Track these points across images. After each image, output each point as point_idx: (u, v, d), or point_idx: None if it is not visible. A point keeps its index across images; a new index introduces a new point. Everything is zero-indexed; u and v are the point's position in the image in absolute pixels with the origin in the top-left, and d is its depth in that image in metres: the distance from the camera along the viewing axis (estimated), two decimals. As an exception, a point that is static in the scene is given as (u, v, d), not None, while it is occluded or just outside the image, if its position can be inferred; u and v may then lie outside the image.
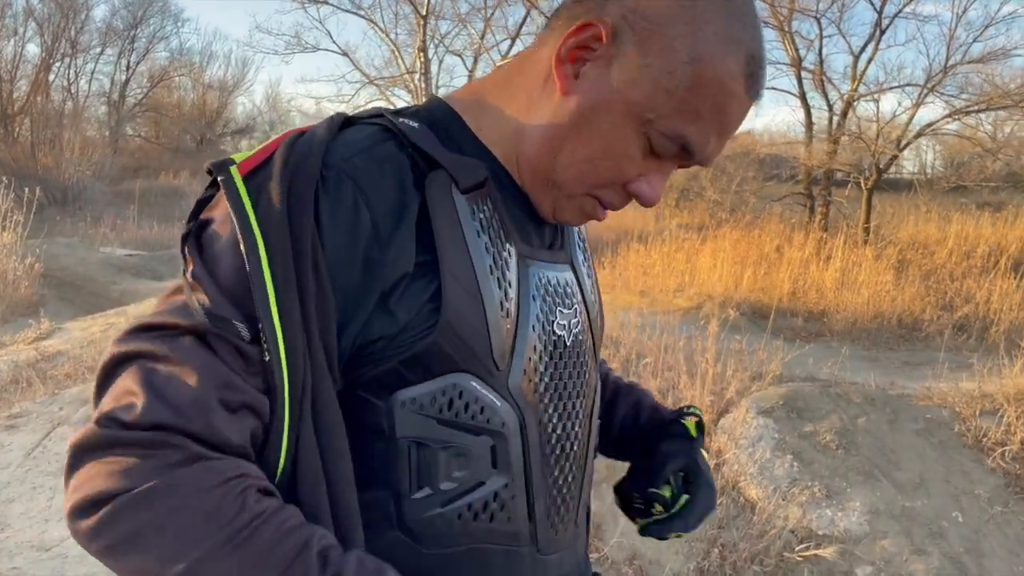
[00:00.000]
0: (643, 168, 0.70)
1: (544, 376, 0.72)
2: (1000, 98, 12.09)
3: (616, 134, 0.67)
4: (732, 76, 0.65)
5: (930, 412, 3.90)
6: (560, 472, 0.74)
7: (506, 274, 0.69)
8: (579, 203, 0.72)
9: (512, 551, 0.71)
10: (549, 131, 0.69)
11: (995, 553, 3.30)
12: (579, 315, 0.77)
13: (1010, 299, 7.97)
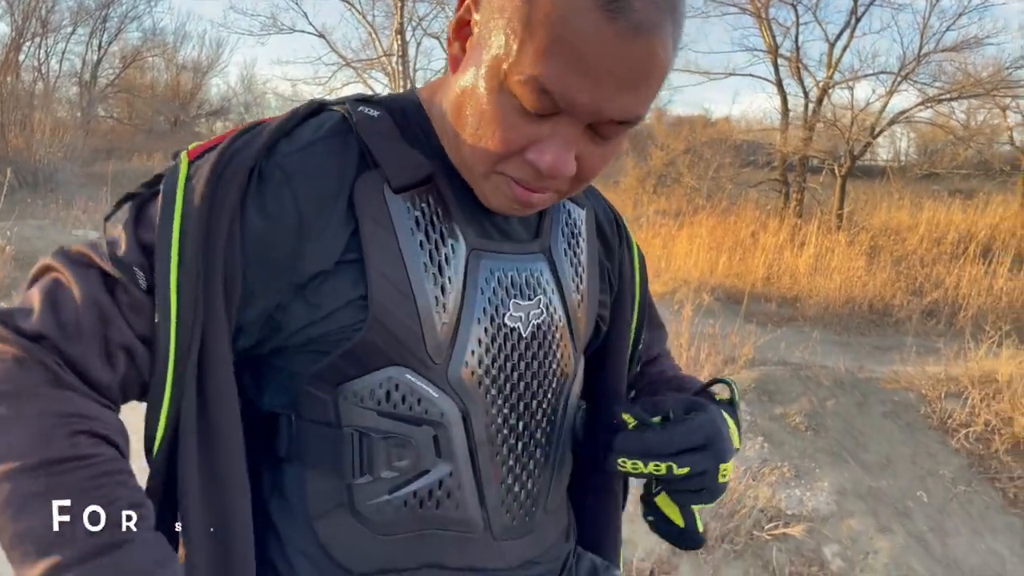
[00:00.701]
0: (533, 134, 0.64)
1: (492, 368, 0.72)
2: (972, 86, 12.26)
3: (487, 97, 0.63)
4: (587, 12, 0.57)
5: (897, 395, 3.99)
6: (517, 461, 0.75)
7: (444, 270, 0.69)
8: (494, 184, 0.68)
9: (465, 536, 0.73)
10: (451, 113, 0.68)
11: (959, 531, 3.40)
12: (544, 306, 0.76)
13: (978, 285, 8.13)
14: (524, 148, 0.64)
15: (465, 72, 0.65)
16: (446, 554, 0.72)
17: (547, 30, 0.58)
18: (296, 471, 0.72)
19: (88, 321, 0.62)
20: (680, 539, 0.81)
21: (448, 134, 0.70)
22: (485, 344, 0.71)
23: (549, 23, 0.58)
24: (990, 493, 3.53)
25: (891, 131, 16.80)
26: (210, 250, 0.63)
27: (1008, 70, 12.44)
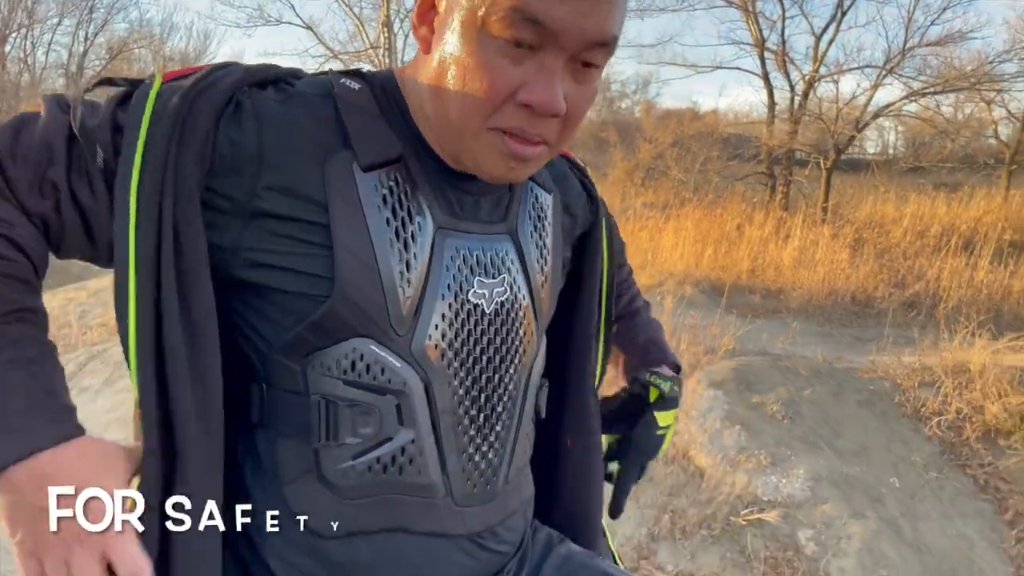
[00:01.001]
0: (521, 75, 0.68)
1: (455, 342, 0.76)
2: (956, 80, 12.36)
3: (468, 51, 0.68)
4: None
5: (873, 384, 4.07)
6: (478, 432, 0.80)
7: (410, 246, 0.73)
8: (487, 143, 0.72)
9: (427, 502, 0.77)
10: (428, 92, 0.73)
11: (929, 517, 3.48)
12: (508, 285, 0.80)
13: (959, 277, 8.23)
14: (514, 91, 0.68)
15: (441, 42, 0.70)
16: (410, 518, 0.77)
17: None
18: (267, 438, 0.77)
19: (35, 154, 0.67)
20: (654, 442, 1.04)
21: (426, 109, 0.75)
22: (448, 319, 0.76)
23: None
24: (961, 479, 3.62)
25: (880, 125, 16.91)
26: (180, 168, 0.67)
27: (991, 64, 12.56)
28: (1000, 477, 3.64)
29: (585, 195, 0.97)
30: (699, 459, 3.58)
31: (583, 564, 0.91)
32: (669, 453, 3.62)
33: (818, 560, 3.19)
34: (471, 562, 0.82)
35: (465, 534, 0.81)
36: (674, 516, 3.36)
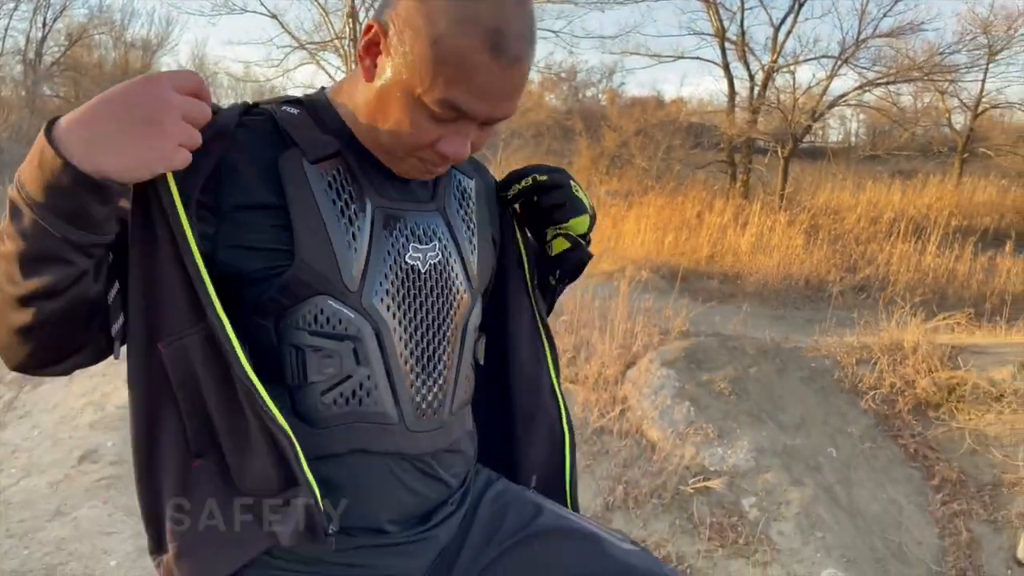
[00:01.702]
0: (441, 131, 0.89)
1: (396, 296, 0.94)
2: (909, 70, 12.74)
3: (402, 108, 0.88)
4: (472, 49, 0.82)
5: (815, 362, 4.33)
6: (423, 370, 0.98)
7: (354, 220, 0.92)
8: (409, 164, 0.94)
9: (383, 427, 0.95)
10: (365, 111, 0.93)
11: (863, 483, 3.75)
12: (440, 251, 0.99)
13: (907, 261, 8.58)
14: (433, 142, 0.90)
15: (382, 84, 0.89)
16: (371, 441, 0.95)
17: (452, 67, 0.84)
18: None
19: None
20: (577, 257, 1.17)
21: (361, 123, 0.94)
22: (390, 278, 0.95)
23: (452, 63, 0.83)
24: (892, 449, 3.89)
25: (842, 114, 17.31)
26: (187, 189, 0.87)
27: (942, 55, 12.96)
28: (928, 446, 3.93)
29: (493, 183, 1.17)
30: (651, 433, 3.81)
31: (515, 496, 1.09)
32: (623, 428, 3.85)
33: (760, 524, 3.43)
34: (421, 486, 0.99)
35: (416, 454, 0.98)
36: (627, 487, 3.58)
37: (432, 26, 0.83)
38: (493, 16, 0.83)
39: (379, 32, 0.88)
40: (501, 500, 1.08)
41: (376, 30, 0.88)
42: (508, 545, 1.03)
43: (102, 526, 2.80)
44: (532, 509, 1.07)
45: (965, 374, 4.08)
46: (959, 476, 3.80)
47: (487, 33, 0.83)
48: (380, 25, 0.87)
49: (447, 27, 0.83)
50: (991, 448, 3.85)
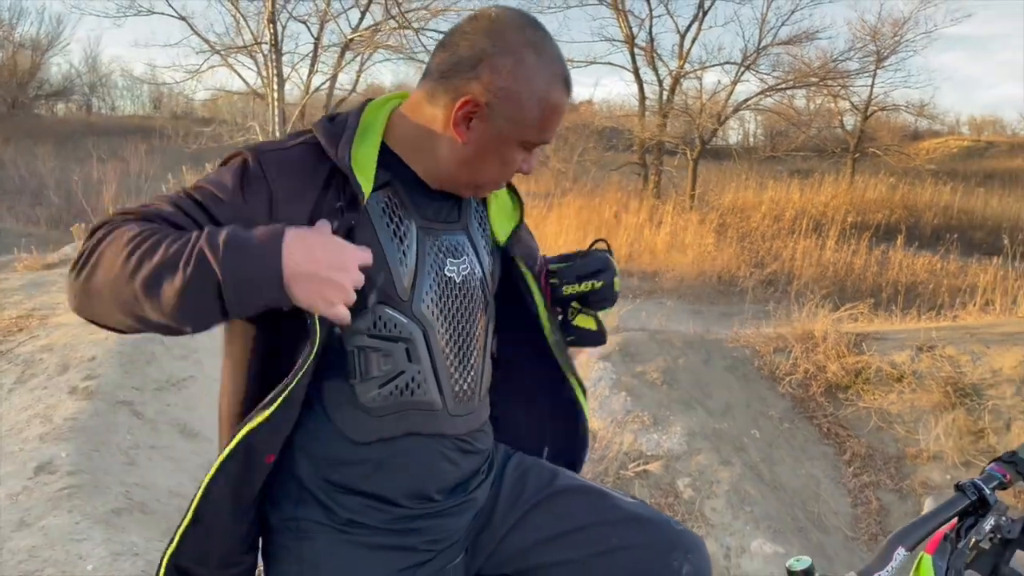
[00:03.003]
0: (524, 157, 1.11)
1: (439, 303, 1.11)
2: (805, 76, 13.52)
3: (507, 154, 1.08)
4: (560, 97, 1.06)
5: (736, 352, 4.68)
6: (461, 364, 1.16)
7: (404, 240, 1.08)
8: (490, 188, 1.17)
9: (430, 413, 1.13)
10: (462, 162, 1.10)
11: (783, 461, 4.10)
12: (468, 264, 1.16)
13: (809, 256, 9.20)
14: (519, 165, 1.12)
15: (481, 142, 1.07)
16: (420, 425, 1.12)
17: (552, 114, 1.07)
18: (317, 384, 1.09)
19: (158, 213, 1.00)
20: (598, 339, 1.35)
21: (445, 167, 1.10)
22: (434, 288, 1.12)
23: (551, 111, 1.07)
24: (808, 428, 4.27)
25: (742, 116, 18.13)
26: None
27: (835, 62, 13.82)
28: (840, 425, 4.32)
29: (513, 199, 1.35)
30: (592, 423, 4.06)
31: (533, 464, 1.29)
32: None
33: (694, 503, 3.73)
34: (461, 460, 1.18)
35: (456, 435, 1.17)
36: (572, 474, 3.81)
37: (534, 92, 1.04)
38: (562, 68, 1.08)
39: (480, 104, 1.05)
40: (521, 468, 1.28)
41: (476, 103, 1.05)
42: (533, 503, 1.23)
43: (72, 533, 2.83)
44: (549, 474, 1.28)
45: (869, 358, 4.50)
46: (867, 451, 4.20)
47: (564, 82, 1.07)
48: (481, 99, 1.04)
49: (545, 89, 1.05)
50: (894, 424, 4.27)
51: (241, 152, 1.06)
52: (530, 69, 1.04)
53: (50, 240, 9.39)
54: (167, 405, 3.93)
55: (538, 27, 1.08)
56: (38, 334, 4.58)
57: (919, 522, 1.07)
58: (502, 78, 1.03)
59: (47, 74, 26.06)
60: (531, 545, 1.22)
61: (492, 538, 1.23)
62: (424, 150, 1.12)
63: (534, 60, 1.04)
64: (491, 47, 1.04)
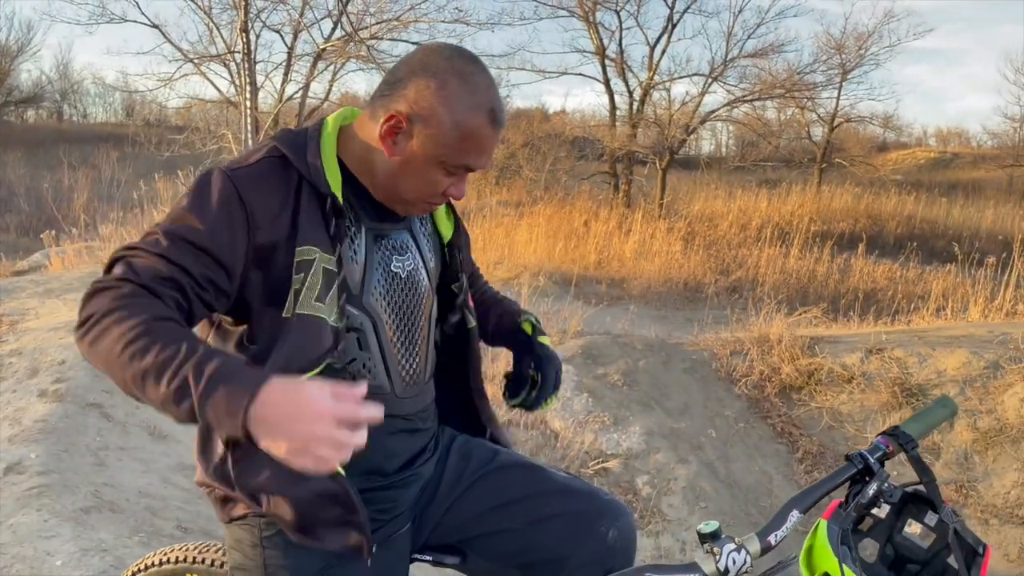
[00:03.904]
0: (450, 181, 1.19)
1: (386, 296, 1.24)
2: (771, 88, 13.81)
3: (427, 173, 1.16)
4: (480, 125, 1.13)
5: (695, 354, 4.83)
6: (407, 351, 1.28)
7: (355, 239, 1.19)
8: (419, 207, 1.24)
9: (380, 395, 1.24)
10: (389, 176, 1.21)
11: (738, 459, 4.25)
12: (412, 260, 1.29)
13: (774, 264, 9.42)
14: (444, 191, 1.21)
15: (406, 158, 1.17)
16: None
17: (470, 141, 1.14)
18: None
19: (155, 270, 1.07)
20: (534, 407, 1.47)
21: (378, 181, 1.21)
22: (381, 282, 1.24)
23: (470, 138, 1.14)
24: (763, 428, 4.42)
25: (713, 126, 18.44)
26: None
27: (800, 74, 14.13)
28: (793, 424, 4.48)
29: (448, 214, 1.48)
30: (554, 423, 4.19)
31: (476, 444, 1.42)
32: (529, 420, 4.20)
33: (652, 499, 3.86)
34: (408, 438, 1.30)
35: (404, 415, 1.29)
36: (534, 473, 3.93)
37: (452, 114, 1.14)
38: (488, 99, 1.16)
39: (399, 121, 1.16)
40: (466, 447, 1.41)
41: (399, 120, 1.16)
42: (476, 477, 1.36)
43: (40, 531, 2.90)
44: (490, 452, 1.40)
45: (821, 360, 4.68)
46: (819, 449, 4.37)
47: (488, 113, 1.15)
48: (403, 116, 1.15)
49: (463, 114, 1.14)
50: (845, 424, 4.43)
51: (210, 175, 1.13)
52: (452, 93, 1.13)
53: (20, 247, 9.38)
54: (137, 408, 3.99)
55: (472, 60, 1.17)
56: (7, 339, 4.63)
57: (812, 488, 1.20)
58: (424, 98, 1.14)
59: (17, 81, 25.80)
60: (473, 516, 1.35)
61: (437, 511, 1.35)
62: (367, 164, 1.23)
63: (457, 85, 1.14)
64: (420, 70, 1.15)
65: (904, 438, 1.25)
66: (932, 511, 1.19)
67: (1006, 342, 4.59)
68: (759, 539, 1.08)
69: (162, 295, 1.04)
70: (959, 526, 1.15)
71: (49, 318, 5.08)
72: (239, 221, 1.10)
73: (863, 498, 1.19)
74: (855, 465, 1.21)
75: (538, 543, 1.32)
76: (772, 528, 1.13)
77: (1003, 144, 24.48)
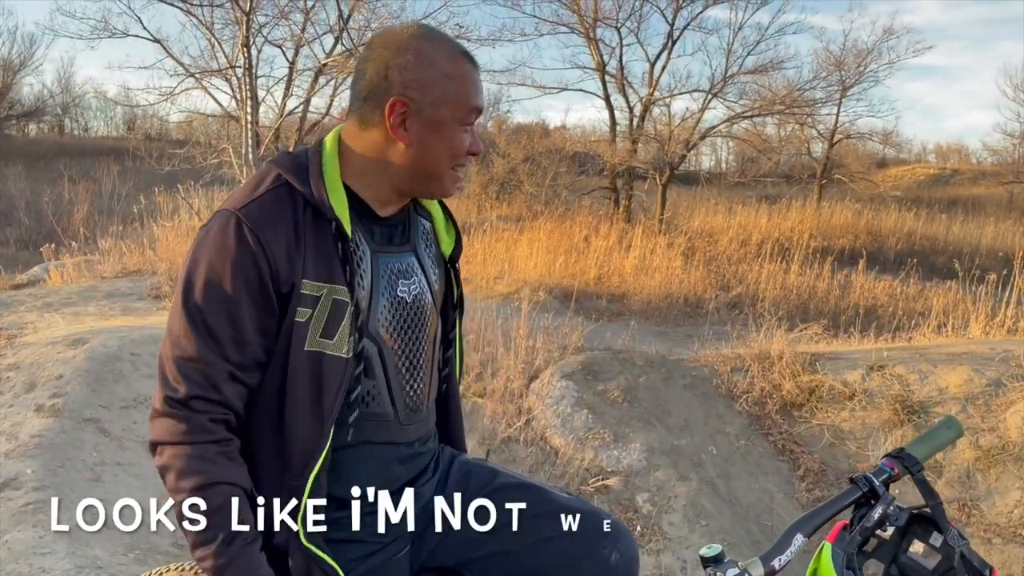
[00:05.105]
0: (468, 136, 1.21)
1: (392, 322, 1.23)
2: (771, 104, 13.87)
3: (448, 136, 1.18)
4: (466, 67, 1.18)
5: (696, 371, 4.82)
6: (411, 379, 1.26)
7: (361, 264, 1.19)
8: (452, 176, 1.22)
9: (384, 422, 1.23)
10: (415, 162, 1.19)
11: (740, 476, 4.23)
12: (418, 284, 1.27)
13: (774, 280, 9.40)
14: (468, 148, 1.22)
15: (422, 135, 1.17)
16: (373, 434, 1.22)
17: (462, 84, 1.18)
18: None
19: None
20: None
21: (400, 174, 1.20)
22: (387, 308, 1.22)
23: (460, 82, 1.18)
24: (764, 445, 4.40)
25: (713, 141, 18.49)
26: None
27: (800, 91, 14.18)
28: (794, 442, 4.46)
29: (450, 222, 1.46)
30: (554, 440, 4.16)
31: (475, 465, 1.40)
32: (529, 436, 4.18)
33: (653, 517, 3.84)
34: (409, 462, 1.28)
35: (406, 442, 1.27)
36: (534, 490, 3.90)
37: (440, 70, 1.17)
38: (454, 45, 1.21)
39: (401, 104, 1.16)
40: (464, 468, 1.39)
41: (400, 103, 1.16)
42: (475, 498, 1.33)
43: (35, 547, 2.88)
44: (490, 473, 1.38)
45: (822, 377, 4.66)
46: (820, 466, 4.34)
47: (463, 55, 1.20)
48: (401, 98, 1.16)
49: (447, 65, 1.17)
50: (846, 441, 4.41)
51: (224, 219, 1.14)
52: (428, 55, 1.17)
53: (19, 261, 9.36)
54: (134, 423, 3.97)
55: (419, 24, 1.23)
56: (5, 353, 4.61)
57: (816, 511, 1.18)
58: (410, 72, 1.16)
59: (19, 94, 25.86)
60: (472, 538, 1.33)
61: (436, 533, 1.33)
62: (373, 174, 1.22)
63: (428, 47, 1.18)
64: (390, 55, 1.17)
65: (909, 460, 1.23)
66: (937, 532, 1.17)
67: (1008, 359, 4.57)
68: (763, 563, 1.07)
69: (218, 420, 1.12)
70: (965, 549, 1.14)
71: (47, 332, 5.06)
72: (261, 261, 1.12)
73: (868, 521, 1.18)
74: (860, 488, 1.19)
75: (538, 565, 1.30)
76: (776, 552, 1.11)
77: (1003, 161, 24.50)
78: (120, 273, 7.75)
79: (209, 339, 1.10)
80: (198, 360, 1.10)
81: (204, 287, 1.11)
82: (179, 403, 1.10)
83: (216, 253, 1.12)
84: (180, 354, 1.11)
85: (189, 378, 1.10)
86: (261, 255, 1.11)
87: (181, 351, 1.11)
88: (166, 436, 1.10)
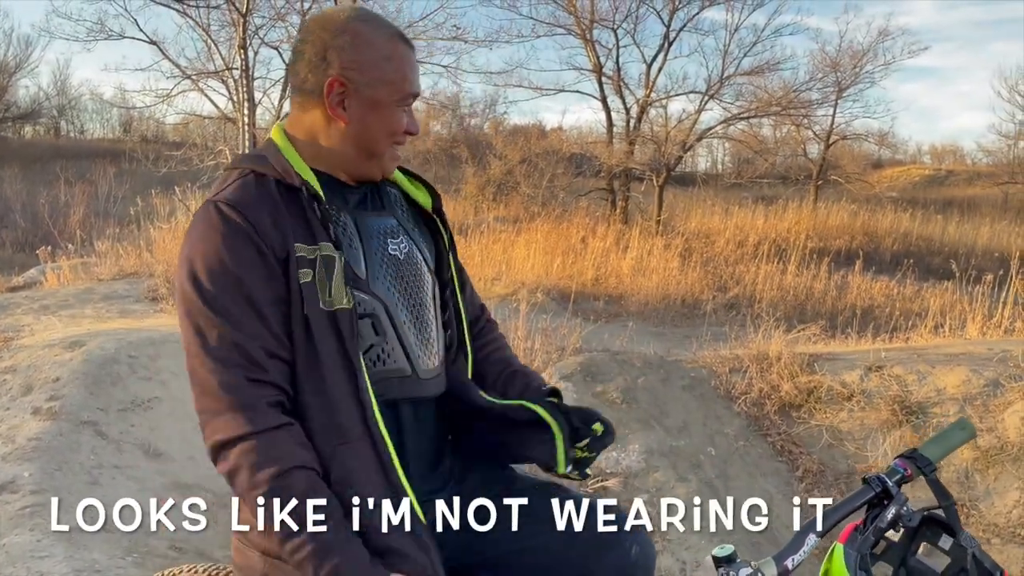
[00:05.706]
0: (404, 117, 1.25)
1: (392, 279, 1.24)
2: (767, 105, 13.89)
3: (386, 115, 1.22)
4: (402, 49, 1.23)
5: (694, 372, 4.82)
6: (420, 331, 1.28)
7: (346, 228, 1.22)
8: (388, 156, 1.26)
9: (402, 379, 1.24)
10: (354, 142, 1.23)
11: (738, 477, 4.22)
12: (407, 242, 1.29)
13: (771, 280, 9.42)
14: (405, 127, 1.25)
15: (361, 115, 1.21)
16: (393, 390, 1.23)
17: (398, 66, 1.22)
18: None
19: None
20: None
21: (346, 153, 1.24)
22: (384, 266, 1.25)
23: (397, 64, 1.22)
24: (763, 446, 4.40)
25: (709, 143, 18.52)
26: None
27: (796, 92, 14.21)
28: (793, 442, 4.46)
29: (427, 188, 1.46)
30: (552, 441, 4.16)
31: (492, 465, 1.40)
32: (527, 438, 4.17)
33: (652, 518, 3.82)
34: (436, 426, 1.31)
35: (428, 396, 1.28)
36: (533, 491, 3.90)
37: (377, 52, 1.21)
38: (390, 26, 1.26)
39: (340, 84, 1.20)
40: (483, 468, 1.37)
41: (337, 83, 1.20)
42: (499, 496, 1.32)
43: (33, 551, 2.87)
44: (509, 472, 1.39)
45: (821, 378, 4.66)
46: (819, 467, 4.34)
47: (399, 36, 1.25)
48: (336, 80, 1.20)
49: (384, 47, 1.22)
50: (844, 442, 4.41)
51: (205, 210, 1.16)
52: (365, 37, 1.21)
53: (15, 263, 9.34)
54: (131, 426, 3.96)
55: (353, 7, 1.26)
56: (2, 355, 4.59)
57: (829, 512, 1.18)
58: (347, 54, 1.20)
59: (15, 96, 25.80)
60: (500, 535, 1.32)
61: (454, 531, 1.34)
62: (322, 153, 1.26)
63: (366, 28, 1.22)
64: (328, 36, 1.21)
65: (922, 461, 1.23)
66: (947, 534, 1.17)
67: (1005, 359, 4.58)
68: (776, 563, 1.07)
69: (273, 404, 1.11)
70: (977, 550, 1.14)
71: (44, 335, 5.05)
72: (260, 244, 1.14)
73: (881, 522, 1.18)
74: (873, 488, 1.20)
75: (566, 559, 1.30)
76: (789, 552, 1.11)
77: (998, 161, 24.59)
78: (117, 275, 7.73)
79: (234, 319, 1.11)
80: (232, 343, 1.10)
81: (208, 273, 1.12)
82: (230, 391, 1.09)
83: (208, 240, 1.14)
84: (213, 345, 1.10)
85: (230, 364, 1.09)
86: (251, 229, 1.13)
87: (213, 341, 1.10)
88: (225, 434, 1.08)
